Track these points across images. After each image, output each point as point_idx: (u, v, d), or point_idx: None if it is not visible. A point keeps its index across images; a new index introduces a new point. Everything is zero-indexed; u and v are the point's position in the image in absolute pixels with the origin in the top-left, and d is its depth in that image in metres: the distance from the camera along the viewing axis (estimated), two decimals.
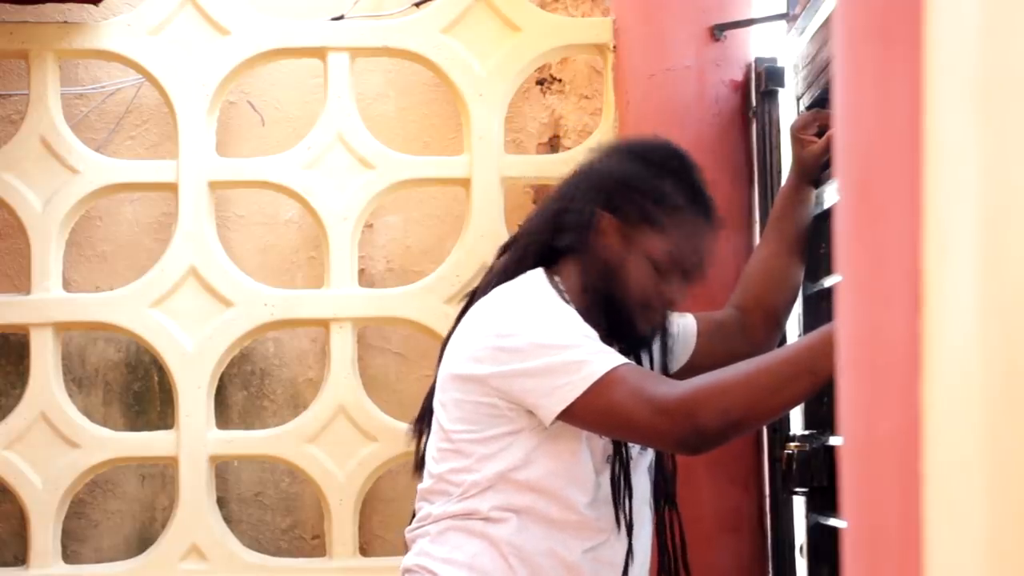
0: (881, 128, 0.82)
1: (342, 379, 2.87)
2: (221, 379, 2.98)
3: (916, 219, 0.75)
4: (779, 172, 2.57)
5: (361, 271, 3.05)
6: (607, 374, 1.87)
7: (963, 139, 0.69)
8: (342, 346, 2.87)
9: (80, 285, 3.13)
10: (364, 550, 2.99)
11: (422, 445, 2.11)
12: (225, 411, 3.11)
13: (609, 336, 1.99)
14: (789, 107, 2.57)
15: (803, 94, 2.50)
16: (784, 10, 2.61)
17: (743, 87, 2.69)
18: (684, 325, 2.24)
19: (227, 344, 2.87)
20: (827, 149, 2.23)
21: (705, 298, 2.34)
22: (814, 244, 2.35)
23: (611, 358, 1.89)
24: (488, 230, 2.87)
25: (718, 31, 2.68)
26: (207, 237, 2.89)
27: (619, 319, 2.01)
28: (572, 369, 1.88)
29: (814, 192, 2.32)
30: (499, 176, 2.88)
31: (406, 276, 3.10)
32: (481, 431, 1.98)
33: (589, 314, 1.99)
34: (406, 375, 3.10)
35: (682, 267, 2.05)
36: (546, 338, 1.91)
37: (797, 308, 2.52)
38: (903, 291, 0.78)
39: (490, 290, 2.06)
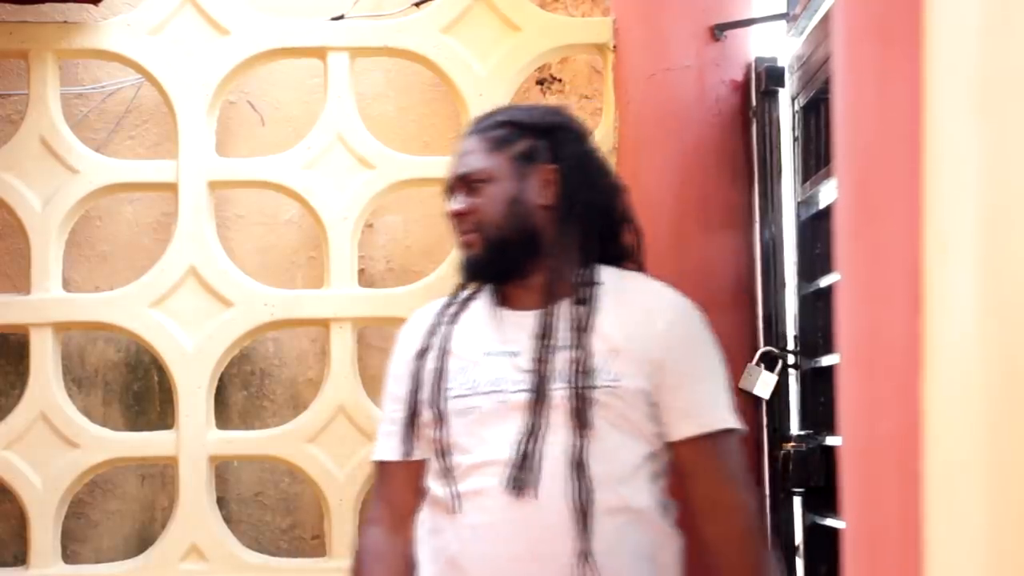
0: (881, 128, 0.82)
1: (342, 379, 2.87)
2: (221, 379, 2.97)
3: (916, 219, 0.75)
4: (779, 172, 2.57)
5: (361, 271, 3.05)
6: (374, 460, 2.19)
7: (963, 139, 0.69)
8: (342, 346, 2.87)
9: (80, 285, 3.13)
10: None
11: None
12: (225, 411, 3.11)
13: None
14: (787, 107, 2.57)
15: (798, 94, 2.50)
16: (784, 10, 2.61)
17: (743, 87, 2.69)
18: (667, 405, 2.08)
19: (227, 344, 2.87)
20: None
21: (705, 298, 2.33)
22: (810, 244, 2.35)
23: (378, 447, 2.17)
24: None
25: (718, 31, 2.68)
26: (207, 237, 2.89)
27: None
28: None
29: None
30: None
31: (406, 276, 3.10)
32: None
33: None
34: None
35: None
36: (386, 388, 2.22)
37: (793, 307, 2.52)
38: (903, 291, 0.78)
39: None
